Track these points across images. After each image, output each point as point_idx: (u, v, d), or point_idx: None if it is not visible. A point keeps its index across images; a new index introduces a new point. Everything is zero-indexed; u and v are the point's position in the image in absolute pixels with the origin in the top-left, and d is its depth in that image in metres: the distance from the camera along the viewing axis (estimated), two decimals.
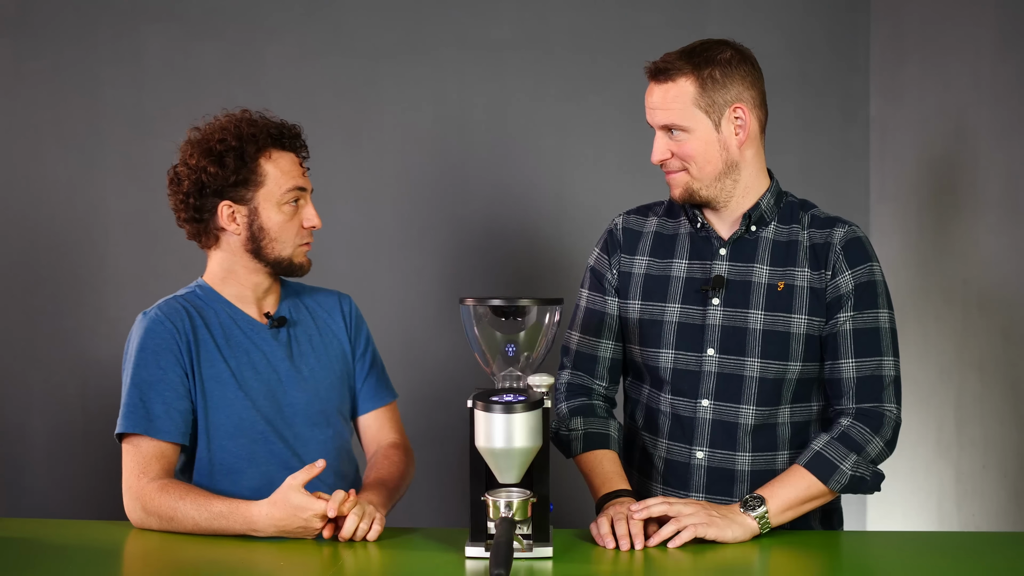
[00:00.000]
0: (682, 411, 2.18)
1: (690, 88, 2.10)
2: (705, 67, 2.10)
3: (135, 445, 2.11)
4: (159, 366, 2.14)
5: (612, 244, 2.27)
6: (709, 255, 2.19)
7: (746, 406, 2.14)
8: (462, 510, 2.01)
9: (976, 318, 2.77)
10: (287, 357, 2.24)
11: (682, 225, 2.23)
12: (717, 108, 2.10)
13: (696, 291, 2.17)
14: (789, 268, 2.15)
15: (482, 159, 3.31)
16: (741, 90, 2.12)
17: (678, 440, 2.19)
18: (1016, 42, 2.60)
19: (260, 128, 2.20)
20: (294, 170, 2.22)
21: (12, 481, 3.26)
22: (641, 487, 2.25)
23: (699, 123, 2.11)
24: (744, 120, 2.12)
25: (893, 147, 3.20)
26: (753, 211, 2.16)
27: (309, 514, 1.95)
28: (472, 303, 1.94)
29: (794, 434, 2.18)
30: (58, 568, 1.90)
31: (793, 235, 2.17)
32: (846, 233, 2.15)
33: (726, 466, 2.16)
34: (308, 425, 2.23)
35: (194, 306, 2.21)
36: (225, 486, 2.15)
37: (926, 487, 2.94)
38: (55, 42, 3.25)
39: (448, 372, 3.29)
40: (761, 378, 2.13)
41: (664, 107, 2.12)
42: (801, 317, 2.13)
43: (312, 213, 2.23)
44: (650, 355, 2.20)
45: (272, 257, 2.21)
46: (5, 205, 3.26)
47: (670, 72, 2.11)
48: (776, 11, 3.31)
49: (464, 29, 3.30)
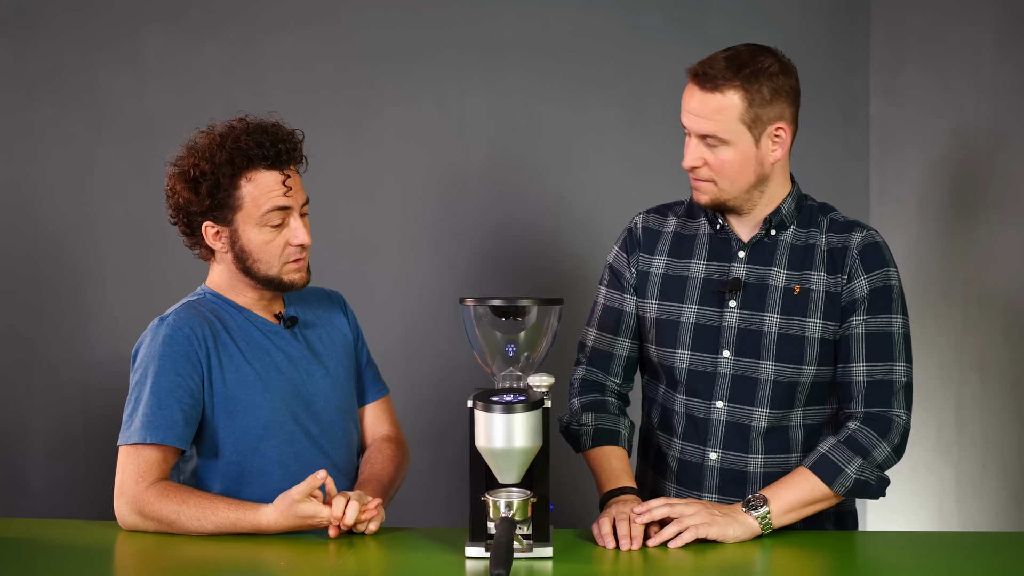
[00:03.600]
0: (696, 412, 2.18)
1: (737, 102, 2.05)
2: (755, 82, 2.05)
3: (137, 450, 2.08)
4: (178, 373, 2.11)
5: (631, 243, 2.27)
6: (728, 257, 2.18)
7: (760, 408, 2.14)
8: (462, 510, 2.01)
9: (976, 318, 2.77)
10: (308, 355, 2.24)
11: (701, 226, 2.22)
12: (760, 124, 2.07)
13: (713, 292, 2.17)
14: (806, 272, 2.15)
15: (482, 159, 3.31)
16: (784, 107, 2.09)
17: (692, 441, 2.19)
18: (1016, 42, 2.60)
19: (241, 149, 2.12)
20: (275, 189, 2.13)
21: (12, 481, 3.26)
22: (656, 486, 2.26)
23: (740, 138, 2.07)
24: (783, 138, 2.10)
25: (893, 147, 3.20)
26: (774, 215, 2.15)
27: (316, 520, 1.97)
28: (472, 303, 1.94)
29: (807, 436, 2.18)
30: (58, 568, 1.90)
31: (811, 239, 2.16)
32: (864, 238, 2.14)
33: (739, 468, 2.16)
34: (332, 422, 2.24)
35: (211, 311, 2.19)
36: (255, 488, 2.14)
37: (926, 487, 2.94)
38: (55, 42, 3.25)
39: (448, 372, 3.29)
40: (775, 381, 2.13)
41: (707, 117, 2.07)
42: (816, 321, 2.13)
43: (299, 230, 2.15)
44: (666, 355, 2.20)
45: (260, 276, 2.18)
46: (5, 205, 3.26)
47: (718, 83, 2.05)
48: (776, 11, 3.31)
49: (464, 29, 3.30)
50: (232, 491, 2.14)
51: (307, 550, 1.95)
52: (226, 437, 2.15)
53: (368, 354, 2.40)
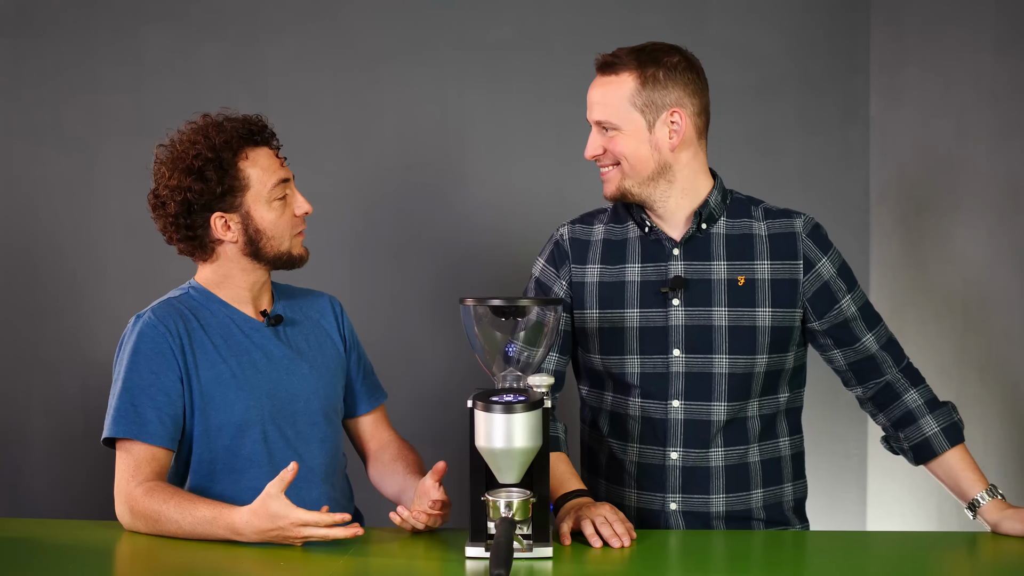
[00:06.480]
0: (653, 413, 2.18)
1: (631, 83, 2.12)
2: (650, 66, 2.12)
3: (127, 449, 2.09)
4: (152, 371, 2.12)
5: (559, 255, 2.27)
6: (662, 257, 2.19)
7: (717, 403, 2.16)
8: (462, 510, 2.01)
9: (976, 318, 2.77)
10: (290, 354, 2.23)
11: (630, 230, 2.23)
12: (654, 109, 2.12)
13: (654, 293, 2.17)
14: (747, 262, 2.16)
15: (482, 159, 3.31)
16: (682, 96, 2.13)
17: (650, 443, 2.19)
18: (1016, 42, 2.60)
19: (228, 132, 2.16)
20: (273, 164, 2.19)
21: (12, 481, 3.26)
22: (612, 494, 2.25)
23: (631, 122, 2.13)
24: (680, 125, 2.13)
25: (893, 147, 3.20)
26: (703, 208, 2.17)
27: (286, 522, 1.91)
28: (472, 303, 1.94)
29: (764, 427, 2.21)
30: (58, 568, 1.90)
31: (748, 228, 2.18)
32: (806, 221, 2.20)
33: (701, 464, 2.17)
34: (309, 424, 2.23)
35: (189, 308, 2.19)
36: (226, 487, 2.15)
37: (926, 487, 2.94)
38: (55, 42, 3.24)
39: (448, 372, 3.29)
40: (730, 374, 2.15)
41: (601, 102, 2.14)
42: (765, 310, 2.15)
43: (301, 200, 2.22)
44: (614, 362, 2.20)
45: (272, 255, 2.20)
46: (5, 205, 3.25)
47: (615, 66, 2.14)
48: (776, 11, 3.31)
49: (464, 29, 3.30)
50: (202, 488, 2.14)
51: (307, 551, 1.95)
52: (199, 434, 2.15)
53: (367, 363, 2.39)
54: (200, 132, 2.16)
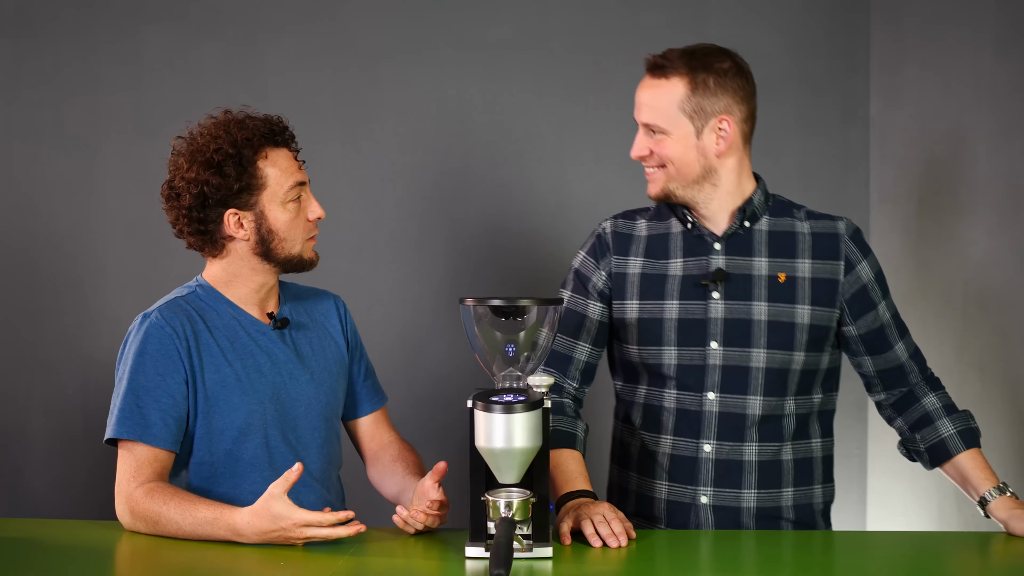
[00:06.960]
0: (688, 405, 2.18)
1: (681, 89, 2.11)
2: (701, 72, 2.11)
3: (129, 450, 2.09)
4: (157, 372, 2.11)
5: (601, 248, 2.27)
6: (704, 251, 2.19)
7: (753, 396, 2.16)
8: (462, 510, 2.01)
9: (976, 318, 2.77)
10: (293, 359, 2.22)
11: (673, 226, 2.24)
12: (703, 115, 2.12)
13: (695, 286, 2.18)
14: (789, 260, 2.17)
15: (482, 159, 3.31)
16: (731, 103, 2.13)
17: (684, 435, 2.19)
18: (1016, 42, 2.60)
19: (250, 129, 2.14)
20: (291, 166, 2.18)
21: (12, 481, 3.26)
22: (643, 487, 2.25)
23: (680, 127, 2.13)
24: (728, 132, 2.13)
25: (893, 147, 3.20)
26: (747, 206, 2.17)
27: (289, 523, 1.91)
28: (472, 303, 1.94)
29: (798, 427, 2.20)
30: (57, 568, 1.90)
31: (790, 227, 2.19)
32: (848, 224, 2.22)
33: (734, 457, 2.17)
34: (310, 428, 2.22)
35: (196, 308, 2.18)
36: (227, 489, 2.14)
37: (926, 487, 2.94)
38: (55, 42, 3.24)
39: (448, 372, 3.29)
40: (767, 368, 2.15)
41: (650, 105, 2.14)
42: (805, 307, 2.16)
43: (315, 205, 2.21)
44: (651, 353, 2.20)
45: (282, 257, 2.18)
46: (5, 205, 3.26)
47: (666, 69, 2.13)
48: (776, 11, 3.31)
49: (464, 29, 3.30)
50: (204, 489, 2.13)
51: (308, 551, 1.95)
52: (202, 436, 2.14)
53: (368, 364, 2.39)
54: (222, 127, 2.15)
